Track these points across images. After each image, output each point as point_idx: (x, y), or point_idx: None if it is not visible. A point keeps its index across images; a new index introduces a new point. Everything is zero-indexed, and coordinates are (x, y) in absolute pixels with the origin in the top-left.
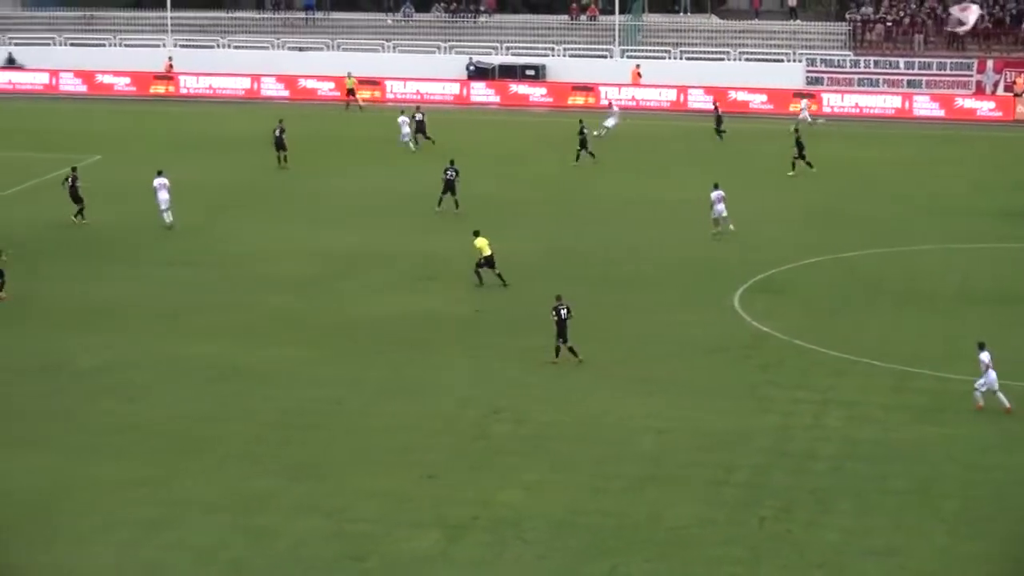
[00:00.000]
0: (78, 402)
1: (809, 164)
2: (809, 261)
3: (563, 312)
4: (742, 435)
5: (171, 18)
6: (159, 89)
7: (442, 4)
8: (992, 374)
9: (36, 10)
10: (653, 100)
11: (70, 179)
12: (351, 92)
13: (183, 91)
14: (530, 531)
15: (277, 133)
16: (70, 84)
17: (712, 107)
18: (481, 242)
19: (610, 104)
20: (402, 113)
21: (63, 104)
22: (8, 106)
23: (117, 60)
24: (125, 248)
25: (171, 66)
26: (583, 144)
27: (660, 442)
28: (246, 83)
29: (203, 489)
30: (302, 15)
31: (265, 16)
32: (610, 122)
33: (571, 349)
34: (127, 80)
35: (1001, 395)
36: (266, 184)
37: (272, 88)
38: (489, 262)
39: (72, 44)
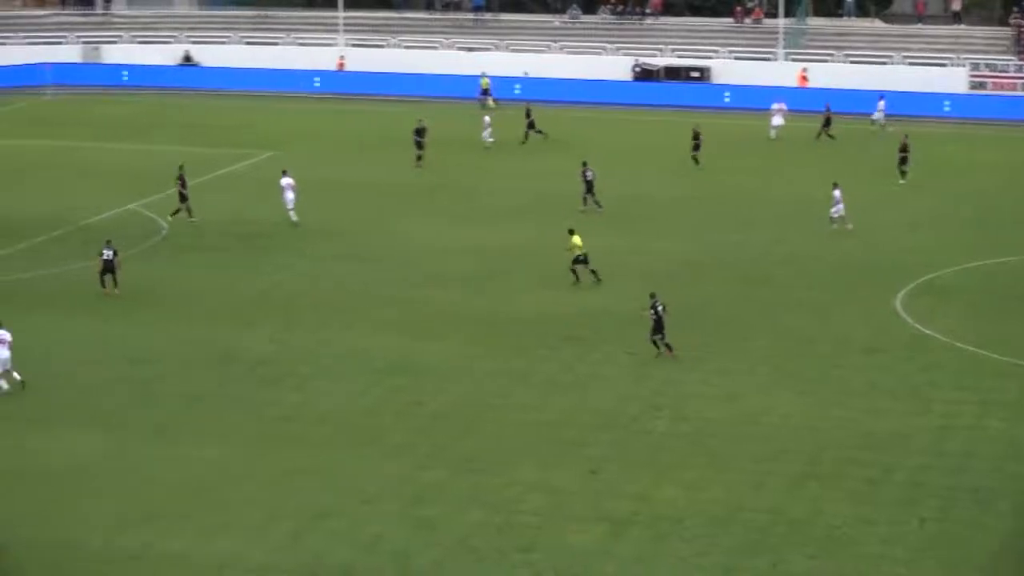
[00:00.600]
0: (248, 392)
1: (902, 172)
2: (970, 265)
3: (659, 309)
4: (901, 435)
5: (343, 18)
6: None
7: (608, 6)
8: None
9: (212, 9)
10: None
11: (179, 178)
12: (485, 92)
13: (352, 89)
14: (690, 527)
15: (417, 132)
16: (244, 81)
17: (825, 109)
18: (576, 240)
19: (777, 107)
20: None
21: (237, 101)
22: (184, 103)
23: (290, 58)
24: (292, 243)
25: (343, 64)
26: (696, 148)
27: (817, 440)
28: (415, 82)
29: (369, 480)
30: (471, 16)
31: (435, 17)
32: (776, 121)
33: (667, 345)
34: (299, 77)
35: None
36: (426, 182)
37: (439, 88)
38: (583, 259)
39: (247, 43)
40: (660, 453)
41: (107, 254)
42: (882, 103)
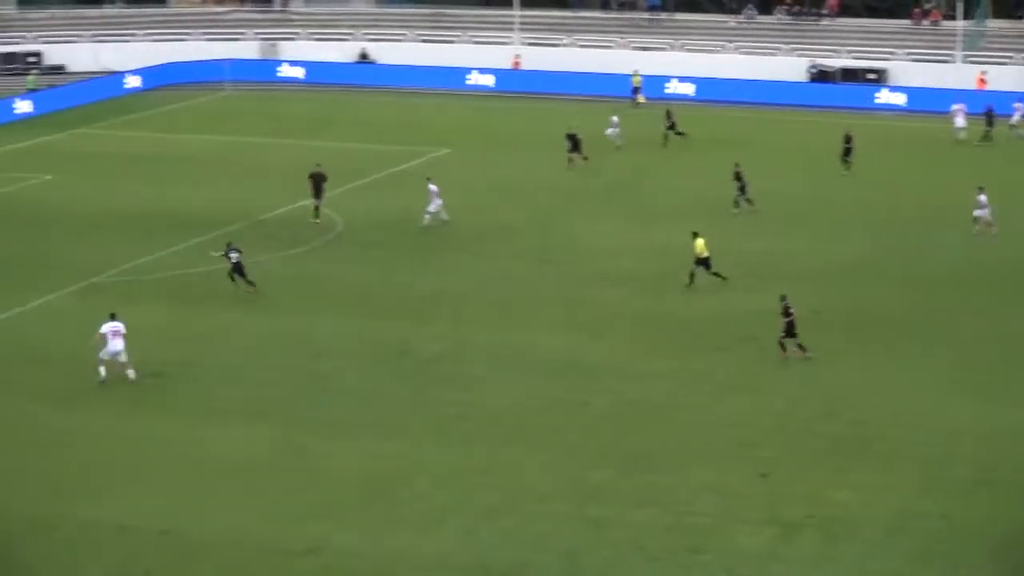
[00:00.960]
0: (421, 389)
1: None
2: None
3: (792, 311)
4: None
5: (519, 16)
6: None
7: (784, 7)
8: None
9: (389, 7)
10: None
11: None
12: (636, 90)
13: (527, 88)
14: (862, 531)
15: (570, 138)
16: (419, 79)
17: (987, 111)
18: (700, 243)
19: (957, 107)
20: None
21: (411, 98)
22: (361, 99)
23: (465, 56)
24: (464, 242)
25: (518, 63)
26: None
27: (991, 447)
28: (589, 81)
29: (540, 478)
30: (646, 16)
31: (610, 16)
32: (960, 122)
33: (800, 346)
34: (475, 75)
35: None
36: (592, 182)
37: (613, 87)
38: (704, 263)
39: (423, 40)
40: (831, 456)
41: (234, 256)
42: (1019, 105)
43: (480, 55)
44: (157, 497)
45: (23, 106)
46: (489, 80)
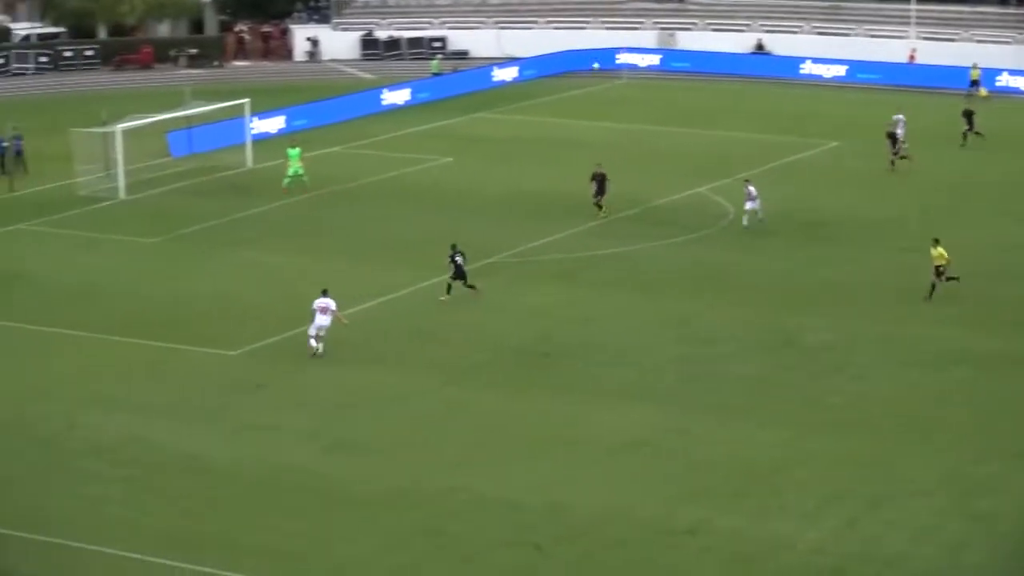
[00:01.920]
0: (807, 378)
1: None
2: None
3: None
4: None
5: (915, 11)
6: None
7: None
8: None
9: None
10: None
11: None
12: (975, 83)
13: (919, 82)
14: None
15: (892, 129)
16: (814, 71)
17: None
18: (940, 251)
19: None
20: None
21: (805, 90)
22: (754, 90)
23: (860, 49)
24: (856, 234)
25: (914, 56)
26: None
27: None
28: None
29: (924, 470)
30: None
31: (1008, 12)
32: None
33: None
34: (869, 68)
35: None
36: (991, 176)
37: (1012, 82)
38: (942, 271)
39: (818, 33)
40: None
41: (459, 260)
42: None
43: (874, 48)
44: (544, 473)
45: (428, 89)
46: (882, 73)
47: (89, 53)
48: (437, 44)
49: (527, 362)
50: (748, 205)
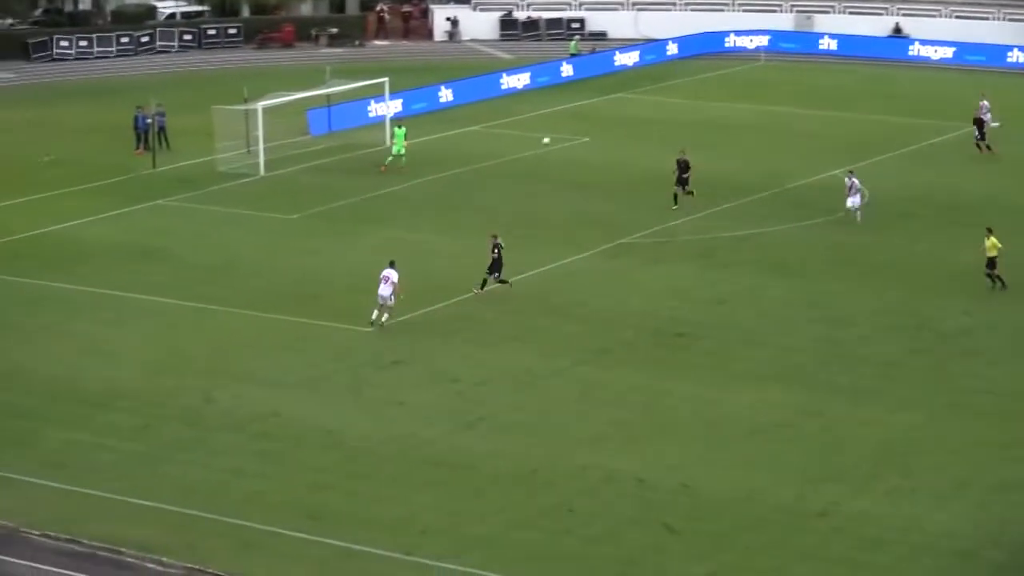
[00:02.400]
0: (943, 362)
1: None
2: None
3: None
4: None
5: None
6: None
7: None
8: None
9: None
10: None
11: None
12: None
13: None
14: None
15: (979, 114)
16: (954, 55)
17: None
18: (993, 241)
19: None
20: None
21: (943, 73)
22: (893, 73)
23: (994, 33)
24: (999, 217)
25: None
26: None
27: None
28: None
29: None
30: None
31: None
32: None
33: None
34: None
35: None
36: None
37: None
38: (991, 263)
39: (957, 16)
40: None
41: (497, 252)
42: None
43: (1008, 32)
44: (676, 453)
45: (567, 70)
46: (1017, 57)
47: (232, 31)
48: (575, 25)
49: (662, 342)
50: (849, 201)
